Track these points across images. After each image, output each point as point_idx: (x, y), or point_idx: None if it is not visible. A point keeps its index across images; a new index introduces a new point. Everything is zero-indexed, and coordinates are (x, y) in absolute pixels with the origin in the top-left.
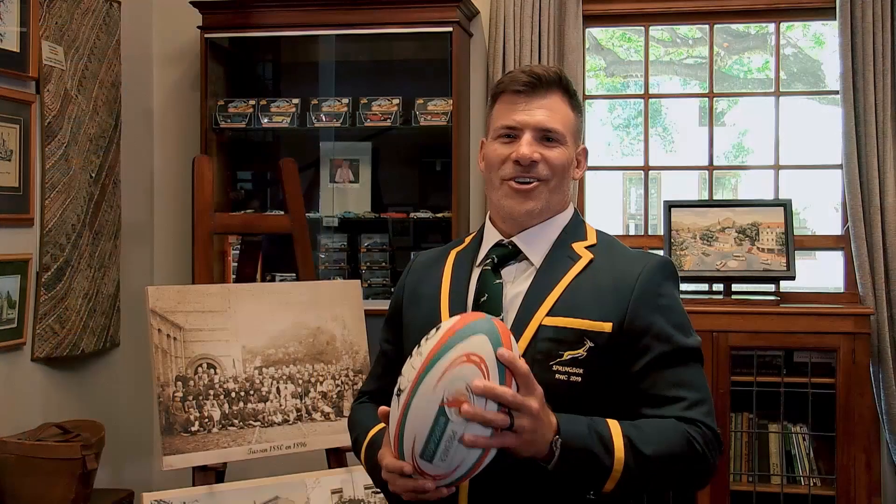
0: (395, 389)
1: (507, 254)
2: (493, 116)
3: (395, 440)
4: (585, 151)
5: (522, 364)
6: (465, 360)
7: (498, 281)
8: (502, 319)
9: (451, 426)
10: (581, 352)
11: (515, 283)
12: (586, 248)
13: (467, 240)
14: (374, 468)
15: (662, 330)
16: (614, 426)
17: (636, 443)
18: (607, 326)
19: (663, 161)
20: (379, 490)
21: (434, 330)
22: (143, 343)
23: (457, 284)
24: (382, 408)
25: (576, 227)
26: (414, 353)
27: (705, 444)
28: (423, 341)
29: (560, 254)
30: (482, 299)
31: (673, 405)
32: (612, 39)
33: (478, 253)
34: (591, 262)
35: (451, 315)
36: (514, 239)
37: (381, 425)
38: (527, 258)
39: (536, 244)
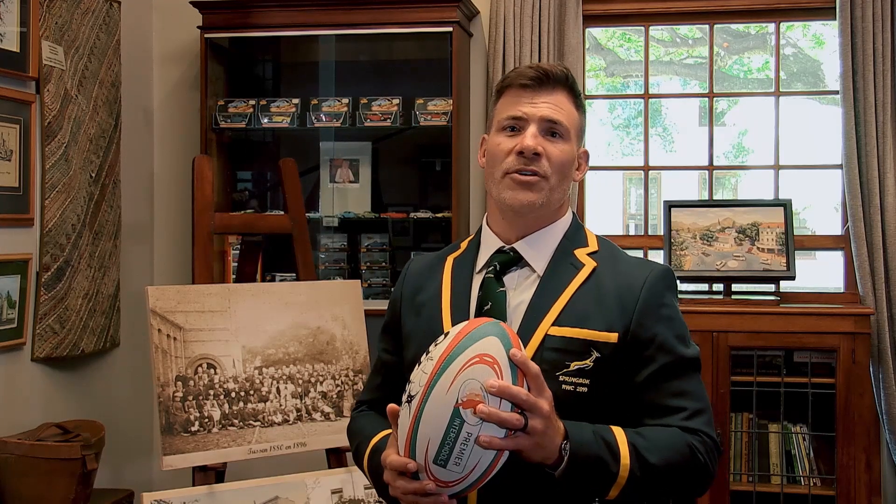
0: (405, 396)
1: (509, 260)
2: (497, 109)
3: (406, 446)
4: (587, 154)
5: (534, 365)
6: (479, 360)
7: (501, 289)
8: None
9: (466, 428)
10: (588, 362)
11: (518, 291)
12: (588, 254)
13: (463, 245)
14: (377, 473)
15: (666, 341)
16: (619, 433)
17: (641, 450)
18: (613, 337)
19: (663, 161)
20: (382, 500)
21: (442, 336)
22: (143, 343)
23: (458, 292)
24: (392, 406)
25: (576, 233)
26: (423, 359)
27: (706, 454)
28: (431, 347)
29: (563, 261)
30: (486, 307)
31: (674, 415)
32: (612, 39)
33: (476, 259)
34: (594, 270)
35: (453, 323)
36: (515, 245)
37: (385, 432)
38: (528, 265)
39: (538, 251)
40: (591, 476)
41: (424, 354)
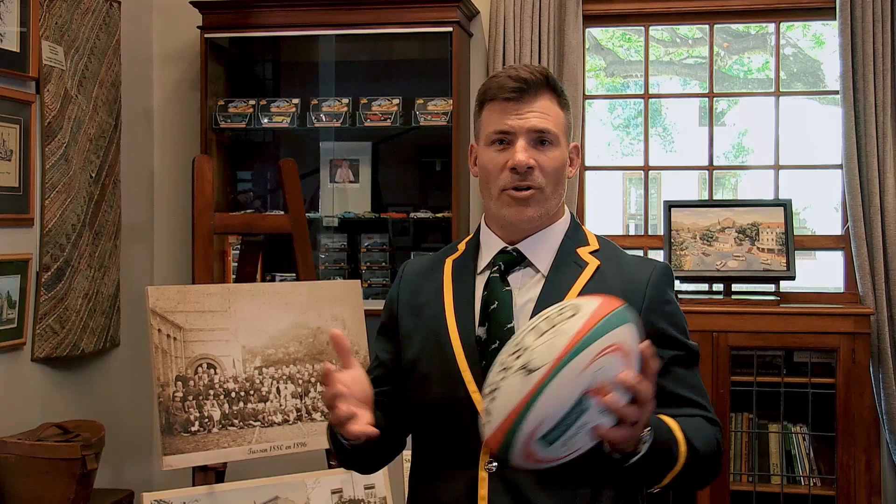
0: (512, 359)
1: (513, 260)
2: (482, 122)
3: (509, 419)
4: (577, 149)
5: (655, 362)
6: (616, 349)
7: (507, 289)
8: (512, 328)
9: (586, 414)
10: None
11: (523, 291)
12: (591, 253)
13: (461, 247)
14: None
15: (673, 336)
16: (669, 420)
17: (690, 437)
18: None
19: (663, 161)
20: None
21: (568, 306)
22: (143, 343)
23: (461, 292)
24: (337, 332)
25: (576, 232)
26: (540, 323)
27: (721, 444)
28: (554, 314)
29: (567, 260)
30: (492, 307)
31: (689, 407)
32: (612, 39)
33: (477, 260)
34: (598, 268)
35: (457, 323)
36: (518, 246)
37: None
38: (532, 265)
39: (541, 251)
40: (659, 463)
41: (542, 319)
